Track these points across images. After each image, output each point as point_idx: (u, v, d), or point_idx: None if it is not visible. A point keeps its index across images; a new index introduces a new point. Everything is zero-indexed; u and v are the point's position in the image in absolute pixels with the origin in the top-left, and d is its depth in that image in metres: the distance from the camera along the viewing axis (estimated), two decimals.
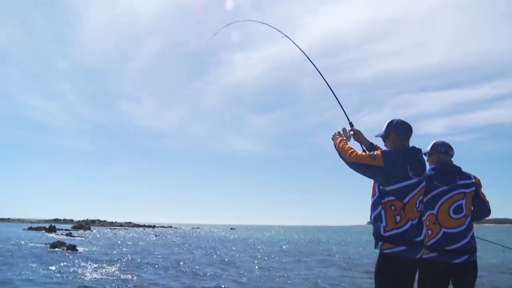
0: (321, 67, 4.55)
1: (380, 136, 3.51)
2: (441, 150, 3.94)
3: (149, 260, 17.68)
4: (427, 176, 3.48)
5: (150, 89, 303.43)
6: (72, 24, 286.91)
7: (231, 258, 19.99)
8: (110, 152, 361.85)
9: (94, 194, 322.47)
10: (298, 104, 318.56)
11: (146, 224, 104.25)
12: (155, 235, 49.46)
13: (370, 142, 3.82)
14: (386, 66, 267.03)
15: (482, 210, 3.91)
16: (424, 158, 3.44)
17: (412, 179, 3.15)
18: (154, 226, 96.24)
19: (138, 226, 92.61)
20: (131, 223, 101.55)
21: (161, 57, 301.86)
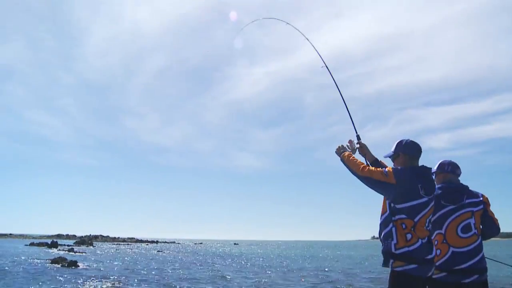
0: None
1: (389, 156, 3.49)
2: (447, 169, 3.89)
3: (148, 277, 17.42)
4: (435, 195, 3.43)
5: (154, 104, 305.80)
6: (76, 40, 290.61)
7: (226, 274, 19.69)
8: (113, 167, 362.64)
9: (97, 210, 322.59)
10: (301, 120, 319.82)
11: (149, 239, 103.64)
12: (157, 251, 49.05)
13: (375, 158, 3.80)
14: (390, 81, 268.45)
15: (491, 228, 3.83)
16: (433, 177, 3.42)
17: (423, 197, 3.13)
18: (157, 242, 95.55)
19: (141, 241, 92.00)
20: (134, 238, 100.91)
21: (165, 72, 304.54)
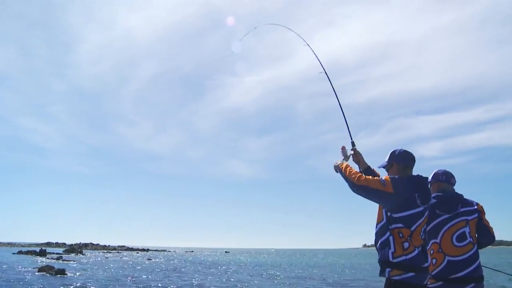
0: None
1: (383, 166, 3.48)
2: (442, 179, 3.90)
3: (133, 285, 17.14)
4: (429, 204, 3.43)
5: (146, 112, 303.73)
6: (69, 46, 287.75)
7: (204, 283, 19.54)
8: (105, 175, 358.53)
9: (88, 217, 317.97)
10: (294, 128, 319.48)
11: (140, 247, 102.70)
12: (147, 259, 48.57)
13: (367, 165, 3.79)
14: (382, 89, 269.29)
15: (486, 237, 3.83)
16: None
17: (419, 207, 3.13)
18: (147, 250, 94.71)
19: (132, 249, 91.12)
20: (125, 246, 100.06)
21: (157, 80, 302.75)
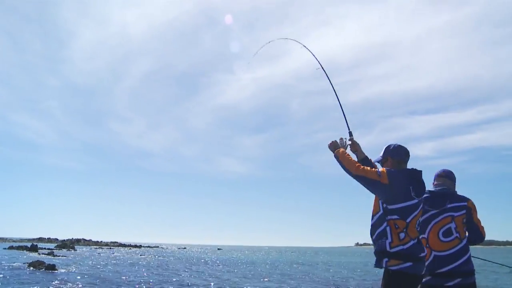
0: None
1: (378, 161, 3.60)
2: (440, 174, 4.06)
3: (125, 281, 17.04)
4: (423, 199, 3.49)
5: (140, 109, 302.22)
6: (63, 42, 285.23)
7: (186, 278, 19.45)
8: (98, 171, 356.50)
9: (81, 213, 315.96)
10: (287, 126, 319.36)
11: (133, 243, 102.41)
12: (140, 255, 48.40)
13: (365, 155, 3.86)
14: (377, 89, 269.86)
15: (475, 235, 3.87)
16: (424, 180, 3.47)
17: (414, 199, 3.20)
18: (140, 246, 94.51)
19: (124, 245, 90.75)
20: (117, 242, 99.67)
21: (152, 77, 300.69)
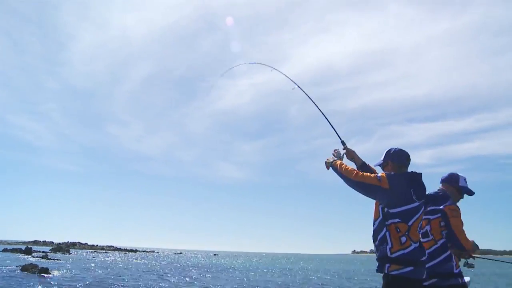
0: (312, 96, 4.58)
1: (378, 165, 3.60)
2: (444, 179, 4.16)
3: (116, 285, 16.82)
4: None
5: (139, 112, 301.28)
6: (62, 45, 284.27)
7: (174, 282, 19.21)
8: (95, 174, 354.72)
9: (78, 216, 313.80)
10: (285, 132, 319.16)
11: (128, 248, 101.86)
12: (134, 259, 48.07)
13: (362, 161, 3.88)
14: (375, 96, 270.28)
15: (452, 240, 3.80)
16: (424, 183, 3.44)
17: (415, 202, 3.19)
18: (136, 251, 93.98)
19: (120, 250, 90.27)
20: (113, 246, 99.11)
21: (151, 81, 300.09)
